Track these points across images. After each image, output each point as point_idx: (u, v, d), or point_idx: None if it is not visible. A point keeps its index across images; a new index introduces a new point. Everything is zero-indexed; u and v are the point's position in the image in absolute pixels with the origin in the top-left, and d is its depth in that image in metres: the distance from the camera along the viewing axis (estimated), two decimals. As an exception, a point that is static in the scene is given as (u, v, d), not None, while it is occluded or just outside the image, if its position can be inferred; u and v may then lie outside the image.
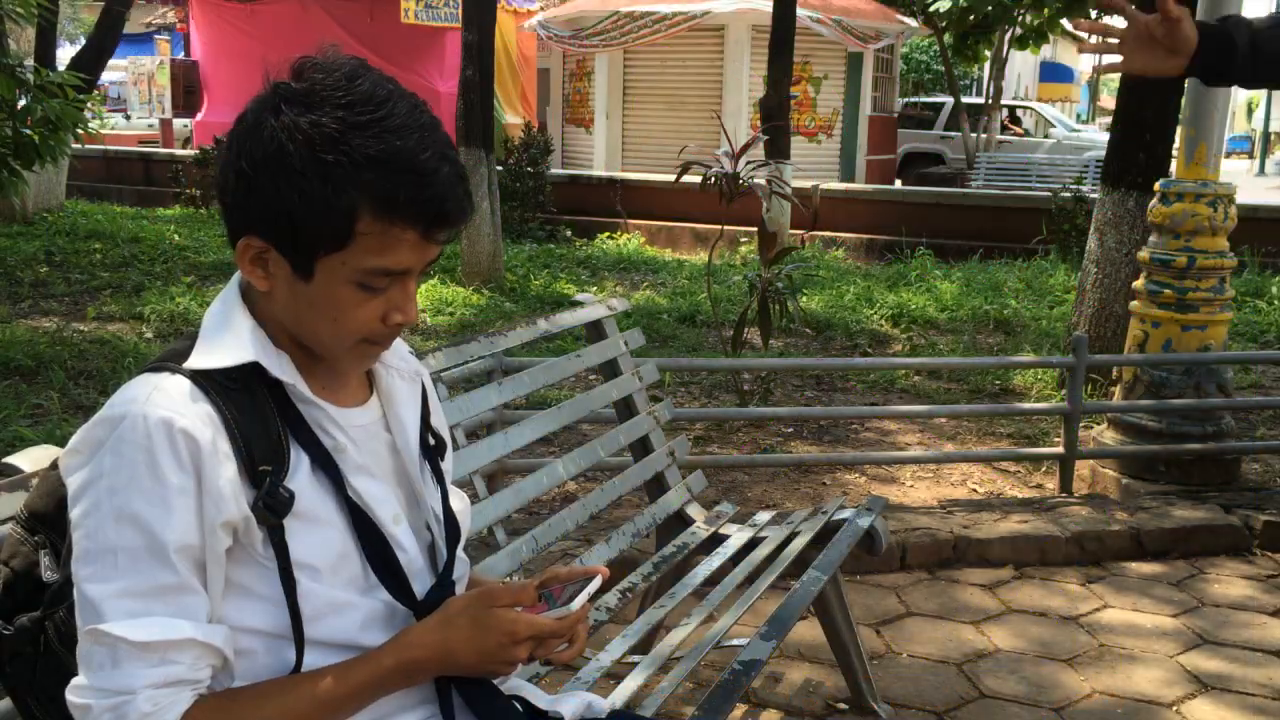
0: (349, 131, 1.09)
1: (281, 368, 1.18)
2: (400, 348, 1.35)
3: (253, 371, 1.15)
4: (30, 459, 1.58)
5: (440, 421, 1.43)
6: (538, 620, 1.20)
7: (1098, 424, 4.67)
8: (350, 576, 1.21)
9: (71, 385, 5.19)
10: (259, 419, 1.14)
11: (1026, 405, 5.25)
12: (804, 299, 7.50)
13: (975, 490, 4.40)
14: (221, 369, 1.14)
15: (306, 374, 1.20)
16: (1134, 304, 4.45)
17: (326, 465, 1.19)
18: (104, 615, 1.05)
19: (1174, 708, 2.77)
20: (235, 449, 1.11)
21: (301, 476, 1.17)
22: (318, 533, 1.17)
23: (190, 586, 1.09)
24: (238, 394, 1.14)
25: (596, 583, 1.26)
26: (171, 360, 1.15)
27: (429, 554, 1.30)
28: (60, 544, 1.20)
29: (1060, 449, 4.25)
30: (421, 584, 1.26)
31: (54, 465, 1.24)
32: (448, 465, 1.43)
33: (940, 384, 5.88)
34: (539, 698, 1.39)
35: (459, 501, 1.46)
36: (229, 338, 1.16)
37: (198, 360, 1.14)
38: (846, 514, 2.64)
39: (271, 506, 1.12)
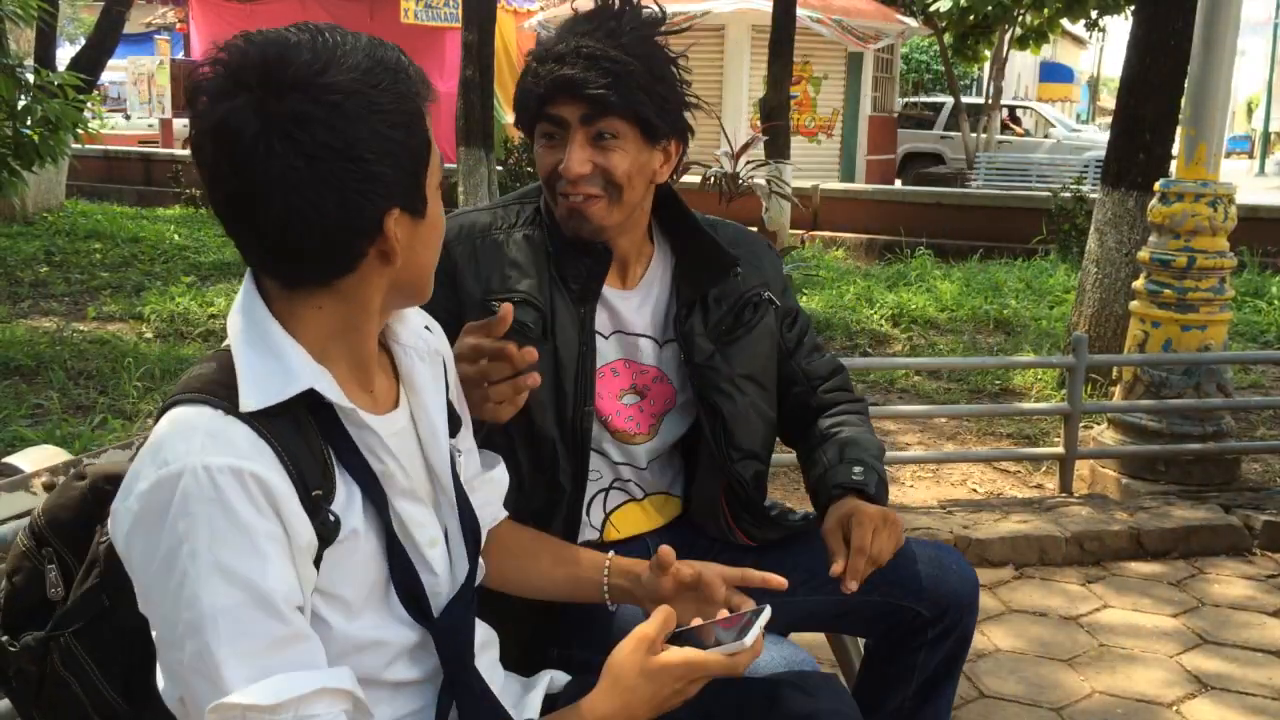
0: (374, 55, 1.06)
1: (333, 389, 1.10)
2: (415, 321, 1.27)
3: (296, 395, 1.08)
4: (30, 459, 1.58)
5: (457, 394, 1.38)
6: (710, 661, 1.15)
7: (1098, 424, 4.67)
8: (376, 604, 1.15)
9: (71, 385, 5.19)
10: (304, 443, 1.07)
11: (1026, 405, 5.25)
12: (804, 299, 7.50)
13: (975, 490, 4.40)
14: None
15: (346, 387, 1.13)
16: (1134, 304, 4.45)
17: (371, 490, 1.13)
18: (224, 686, 0.97)
19: (1174, 708, 2.77)
20: (290, 478, 1.03)
21: (346, 501, 1.11)
22: (353, 560, 1.11)
23: (304, 633, 1.02)
24: (280, 419, 1.05)
25: (767, 614, 1.22)
26: (205, 392, 1.05)
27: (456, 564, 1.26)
28: (71, 560, 1.16)
29: (1060, 449, 4.25)
30: (445, 601, 1.22)
31: (79, 476, 1.19)
32: (466, 442, 1.37)
33: (940, 384, 5.88)
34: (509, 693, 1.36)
35: (496, 472, 1.41)
36: (273, 364, 1.07)
37: (250, 399, 1.04)
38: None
39: (322, 535, 1.06)
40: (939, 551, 1.79)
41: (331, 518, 1.07)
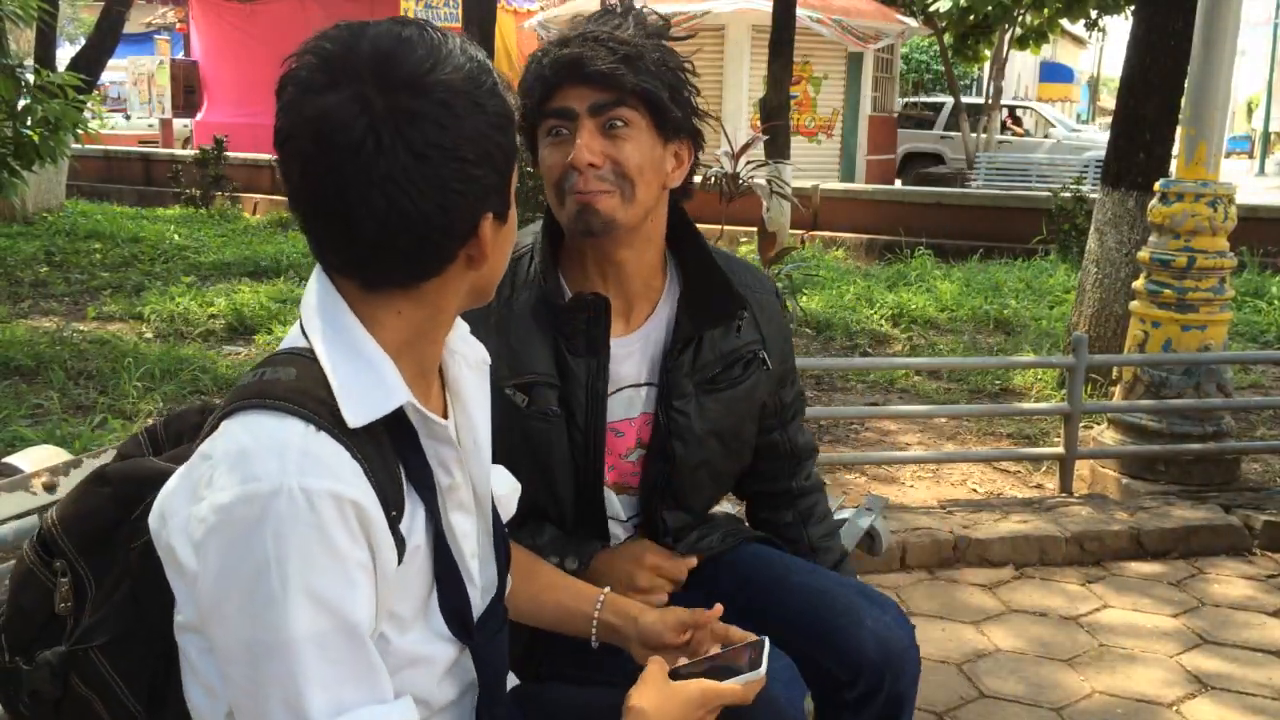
0: (473, 55, 1.03)
1: (419, 402, 1.07)
2: (463, 327, 1.21)
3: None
4: (30, 459, 1.58)
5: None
6: (725, 690, 1.20)
7: (1098, 424, 4.67)
8: (422, 619, 1.12)
9: (71, 385, 5.19)
10: (382, 460, 1.02)
11: (1026, 405, 5.25)
12: (804, 299, 7.49)
13: (975, 490, 4.40)
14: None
15: (415, 391, 1.08)
16: (1134, 304, 4.45)
17: (430, 505, 1.09)
18: (307, 714, 0.94)
19: (1174, 708, 2.77)
20: (378, 501, 1.00)
21: (411, 518, 1.07)
22: (407, 575, 1.07)
23: (379, 665, 1.00)
24: (363, 435, 1.01)
25: (767, 644, 1.27)
26: (292, 402, 0.99)
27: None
28: (84, 570, 1.09)
29: (1060, 449, 4.25)
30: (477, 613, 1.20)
31: (100, 480, 1.12)
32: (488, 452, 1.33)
33: (940, 384, 5.88)
34: None
35: (505, 485, 1.37)
36: (370, 376, 1.03)
37: (353, 414, 1.00)
38: (846, 514, 2.63)
39: (398, 555, 1.04)
40: (858, 600, 1.60)
41: (400, 537, 1.03)
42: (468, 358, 1.21)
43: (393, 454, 1.04)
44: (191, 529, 0.96)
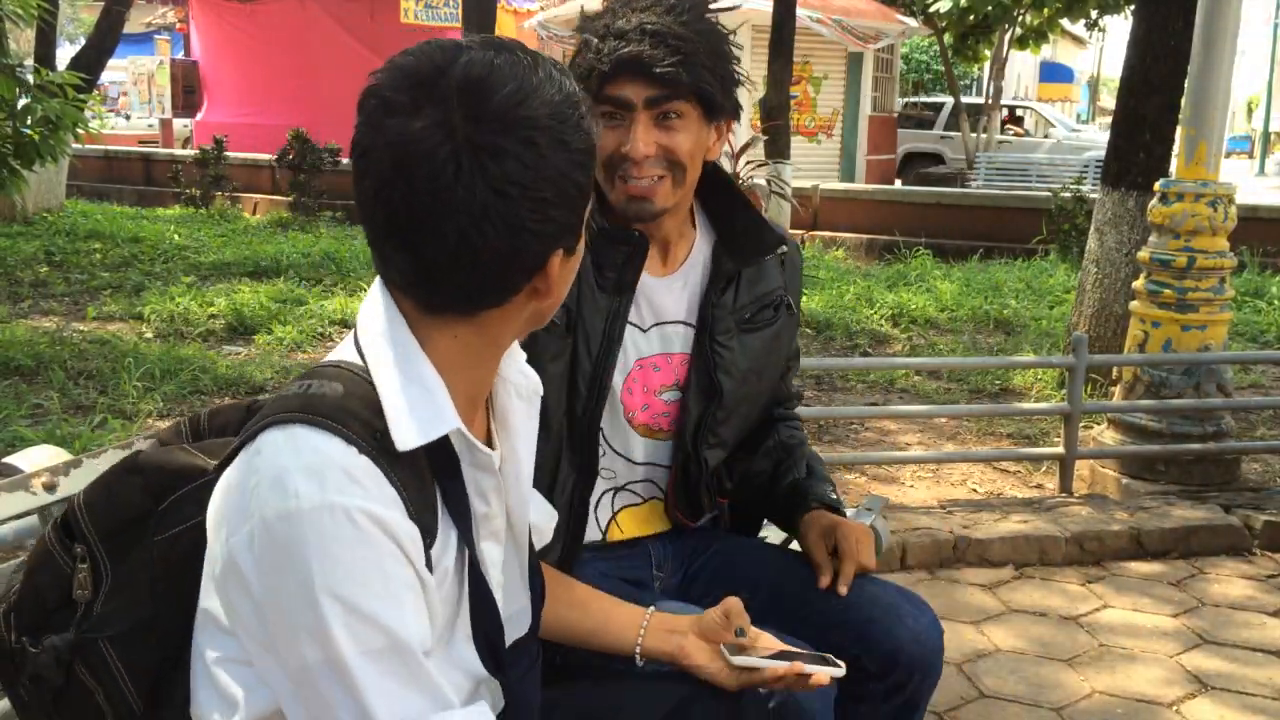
0: (563, 87, 1.01)
1: (467, 429, 1.05)
2: (518, 356, 1.20)
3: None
4: (30, 459, 1.58)
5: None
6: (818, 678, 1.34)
7: (1098, 424, 4.67)
8: (441, 648, 1.08)
9: (71, 385, 5.19)
10: (419, 483, 1.01)
11: (1026, 405, 5.25)
12: (804, 299, 7.49)
13: (975, 490, 4.40)
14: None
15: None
16: (1134, 304, 4.45)
17: (464, 532, 1.07)
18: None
19: (1174, 708, 2.77)
20: (415, 526, 0.99)
21: (443, 544, 1.05)
22: (432, 602, 1.04)
23: (439, 678, 0.99)
24: (403, 460, 1.00)
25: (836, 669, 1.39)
26: (337, 421, 0.97)
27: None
28: (104, 558, 1.08)
29: (1060, 449, 4.25)
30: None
31: (132, 469, 1.11)
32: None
33: (940, 384, 5.88)
34: None
35: (542, 512, 1.35)
36: (422, 400, 1.02)
37: (405, 437, 0.99)
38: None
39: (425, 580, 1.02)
40: (899, 599, 1.64)
41: (430, 562, 1.02)
42: (520, 387, 1.19)
43: (430, 479, 1.03)
44: (252, 546, 0.95)
